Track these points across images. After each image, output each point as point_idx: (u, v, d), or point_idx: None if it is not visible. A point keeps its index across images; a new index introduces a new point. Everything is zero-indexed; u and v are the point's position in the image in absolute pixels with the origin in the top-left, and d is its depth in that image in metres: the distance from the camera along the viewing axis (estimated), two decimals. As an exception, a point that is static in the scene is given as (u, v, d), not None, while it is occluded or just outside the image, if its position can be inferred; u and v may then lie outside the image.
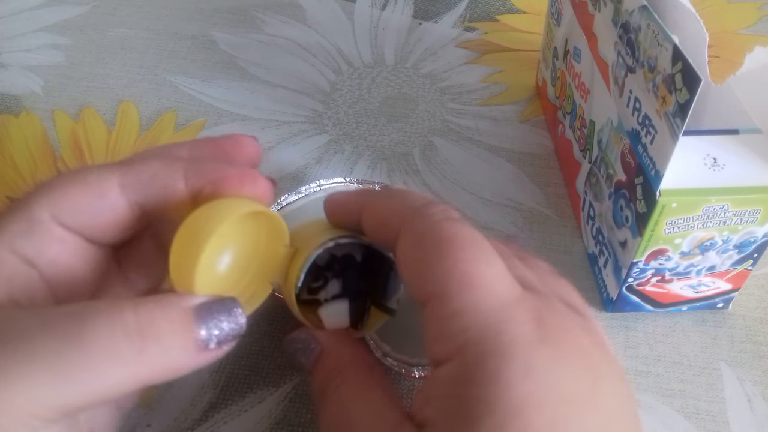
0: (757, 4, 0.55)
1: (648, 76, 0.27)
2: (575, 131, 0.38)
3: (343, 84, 0.49)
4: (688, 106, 0.24)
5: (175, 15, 0.55)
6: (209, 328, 0.20)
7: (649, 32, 0.27)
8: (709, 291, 0.33)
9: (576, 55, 0.38)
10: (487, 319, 0.19)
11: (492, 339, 0.19)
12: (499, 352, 0.19)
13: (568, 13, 0.39)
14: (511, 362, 0.19)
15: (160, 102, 0.47)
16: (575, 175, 0.39)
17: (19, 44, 0.52)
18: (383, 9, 0.56)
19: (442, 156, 0.43)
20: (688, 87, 0.24)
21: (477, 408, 0.18)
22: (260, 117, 0.46)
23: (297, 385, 0.32)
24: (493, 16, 0.55)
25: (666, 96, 0.26)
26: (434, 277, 0.20)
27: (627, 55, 0.29)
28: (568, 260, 0.38)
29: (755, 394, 0.32)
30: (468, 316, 0.20)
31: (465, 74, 0.50)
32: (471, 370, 0.19)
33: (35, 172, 0.43)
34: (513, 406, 0.18)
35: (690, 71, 0.24)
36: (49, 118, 0.46)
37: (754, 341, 0.34)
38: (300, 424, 0.31)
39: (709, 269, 0.32)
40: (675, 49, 0.25)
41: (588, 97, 0.36)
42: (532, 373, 0.18)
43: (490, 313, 0.19)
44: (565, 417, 0.18)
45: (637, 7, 0.28)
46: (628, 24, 0.29)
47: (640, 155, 0.29)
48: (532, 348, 0.19)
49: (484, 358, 0.19)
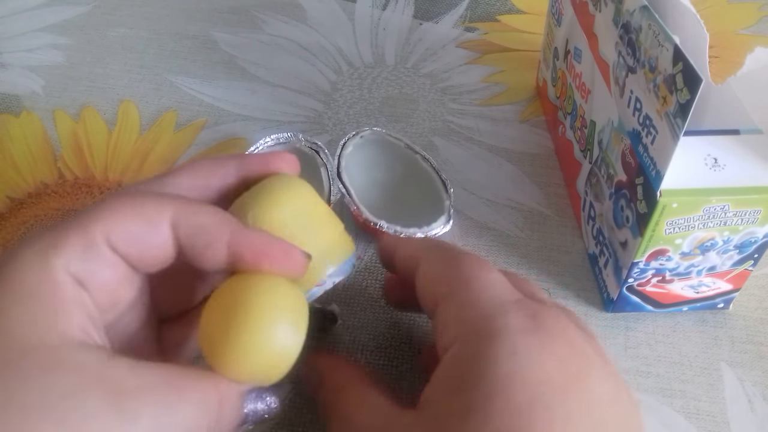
0: (757, 4, 0.55)
1: (649, 76, 0.27)
2: (576, 131, 0.38)
3: (343, 84, 0.49)
4: (689, 107, 0.24)
5: (176, 15, 0.55)
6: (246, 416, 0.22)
7: (650, 32, 0.27)
8: (709, 291, 0.33)
9: (577, 56, 0.38)
10: (485, 311, 0.22)
11: (486, 325, 0.22)
12: (490, 335, 0.21)
13: (569, 13, 0.39)
14: (499, 343, 0.21)
15: (161, 102, 0.47)
16: (576, 176, 0.39)
17: (20, 44, 0.52)
18: (384, 9, 0.56)
19: (443, 156, 0.43)
20: (689, 87, 0.24)
21: (467, 381, 0.21)
22: (261, 117, 0.46)
23: (297, 385, 0.32)
24: (494, 17, 0.55)
25: (667, 96, 0.26)
26: (444, 282, 0.24)
27: (628, 56, 0.29)
28: (569, 260, 0.38)
29: (755, 395, 0.32)
30: (470, 309, 0.23)
31: (465, 74, 0.50)
32: (465, 349, 0.22)
33: (35, 172, 0.43)
34: (498, 381, 0.20)
35: (691, 71, 0.24)
36: (50, 117, 0.46)
37: (754, 342, 0.34)
38: (300, 424, 0.31)
39: (709, 270, 0.32)
40: (676, 49, 0.25)
41: (588, 98, 0.36)
42: (517, 354, 0.21)
43: (489, 306, 0.22)
44: (546, 396, 0.20)
45: (638, 7, 0.28)
46: (629, 24, 0.29)
47: (640, 155, 0.29)
48: (520, 334, 0.21)
49: (477, 339, 0.22)
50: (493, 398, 0.20)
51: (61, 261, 0.20)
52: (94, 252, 0.21)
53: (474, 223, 0.39)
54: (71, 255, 0.20)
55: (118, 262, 0.22)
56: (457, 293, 0.23)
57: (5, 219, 0.40)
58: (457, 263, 0.24)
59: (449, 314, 0.23)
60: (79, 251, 0.21)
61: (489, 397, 0.20)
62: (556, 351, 0.21)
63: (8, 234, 0.39)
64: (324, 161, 0.37)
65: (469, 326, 0.22)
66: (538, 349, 0.21)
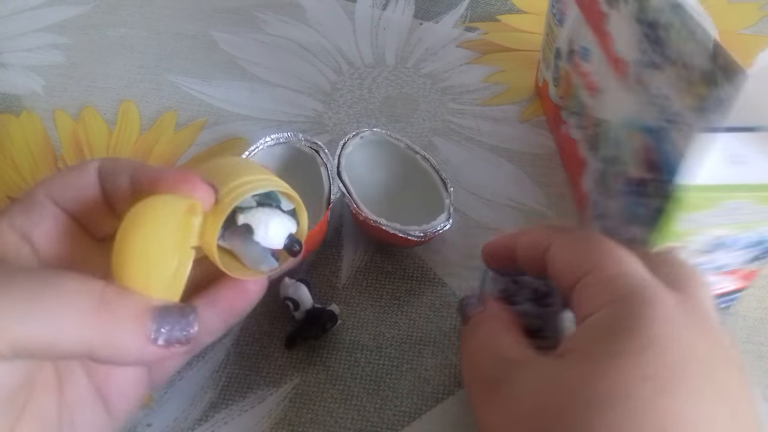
0: (758, 4, 0.55)
1: (681, 72, 0.27)
2: (582, 130, 0.38)
3: (343, 84, 0.49)
4: (731, 102, 0.24)
5: (176, 15, 0.55)
6: (160, 326, 0.22)
7: (683, 29, 0.27)
8: (717, 290, 0.33)
9: (584, 54, 0.37)
10: (636, 281, 0.23)
11: (640, 292, 0.22)
12: (646, 300, 0.22)
13: (573, 12, 0.38)
14: (655, 308, 0.22)
15: (161, 102, 0.47)
16: (581, 174, 0.39)
17: (20, 44, 0.52)
18: (384, 9, 0.56)
19: (443, 156, 0.43)
20: (731, 82, 0.24)
21: (621, 333, 0.21)
22: (261, 117, 0.46)
23: (297, 385, 0.32)
24: (494, 16, 0.55)
25: (703, 91, 0.26)
26: (589, 258, 0.24)
27: (654, 52, 0.29)
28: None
29: (756, 395, 0.32)
30: (621, 279, 0.23)
31: (466, 74, 0.50)
32: (620, 309, 0.22)
33: (35, 172, 0.43)
34: (653, 338, 0.21)
35: (733, 66, 0.24)
36: (50, 117, 0.46)
37: (754, 341, 0.34)
38: (300, 424, 0.31)
39: (719, 268, 0.32)
40: (715, 44, 0.25)
41: (599, 96, 0.36)
42: (670, 321, 0.21)
43: (639, 279, 0.23)
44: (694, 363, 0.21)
45: (668, 4, 0.28)
46: (656, 21, 0.29)
47: (663, 151, 0.29)
48: (671, 307, 0.22)
49: (632, 301, 0.22)
50: (647, 350, 0.21)
51: (4, 218, 0.23)
52: (36, 206, 0.23)
53: (474, 223, 0.39)
54: (14, 213, 0.23)
55: (60, 215, 0.24)
56: (603, 266, 0.24)
57: (5, 219, 0.40)
58: (598, 241, 0.25)
59: (598, 284, 0.24)
60: (21, 209, 0.23)
61: (644, 348, 0.21)
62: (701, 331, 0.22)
63: (8, 234, 0.39)
64: (324, 161, 0.37)
65: (623, 291, 0.23)
66: (686, 324, 0.22)
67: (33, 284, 0.20)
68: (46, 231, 0.23)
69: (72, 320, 0.20)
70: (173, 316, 0.22)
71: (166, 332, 0.22)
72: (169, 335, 0.22)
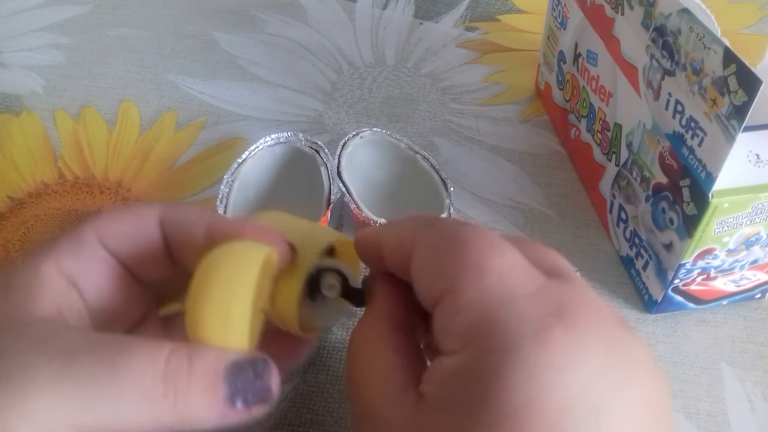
0: (758, 4, 0.55)
1: (692, 78, 0.27)
2: (595, 134, 0.38)
3: (344, 84, 0.49)
4: (747, 108, 0.24)
5: (176, 15, 0.55)
6: (236, 387, 0.20)
7: (693, 35, 0.26)
8: (749, 284, 0.33)
9: (591, 59, 0.37)
10: (496, 314, 0.18)
11: (498, 335, 0.18)
12: (501, 349, 0.17)
13: (577, 16, 0.38)
14: (513, 362, 0.17)
15: (161, 102, 0.47)
16: (598, 178, 0.38)
17: (20, 44, 0.52)
18: (384, 9, 0.56)
19: (443, 156, 0.43)
20: (746, 89, 0.24)
21: (474, 404, 0.17)
22: (261, 117, 0.46)
23: (297, 385, 0.32)
24: (494, 16, 0.55)
25: (717, 98, 0.25)
26: (446, 273, 0.19)
27: (663, 58, 0.29)
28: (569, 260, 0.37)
29: (756, 395, 0.32)
30: (476, 310, 0.18)
31: (466, 74, 0.49)
32: (474, 365, 0.18)
33: (36, 172, 0.43)
34: (507, 413, 0.17)
35: (747, 73, 0.24)
36: (50, 117, 0.46)
37: (754, 341, 0.34)
38: (300, 424, 0.31)
39: (752, 263, 0.32)
40: (726, 51, 0.24)
41: (610, 101, 0.36)
42: (536, 376, 0.17)
43: (500, 306, 0.18)
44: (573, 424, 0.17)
45: (676, 10, 0.28)
46: (664, 27, 0.29)
47: (685, 157, 0.29)
48: (541, 346, 0.17)
49: (487, 355, 0.18)
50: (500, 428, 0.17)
51: (51, 260, 0.21)
52: (86, 250, 0.22)
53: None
54: (62, 254, 0.22)
55: (111, 261, 0.23)
56: (460, 289, 0.19)
57: (5, 219, 0.40)
58: (458, 247, 0.20)
59: (451, 315, 0.19)
60: (70, 251, 0.22)
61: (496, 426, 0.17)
62: (591, 358, 0.17)
63: (8, 234, 0.39)
64: (324, 161, 0.37)
65: (475, 333, 0.18)
66: (566, 362, 0.17)
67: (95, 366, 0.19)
68: (95, 278, 0.22)
69: (137, 405, 0.19)
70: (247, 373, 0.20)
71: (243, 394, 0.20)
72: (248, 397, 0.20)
